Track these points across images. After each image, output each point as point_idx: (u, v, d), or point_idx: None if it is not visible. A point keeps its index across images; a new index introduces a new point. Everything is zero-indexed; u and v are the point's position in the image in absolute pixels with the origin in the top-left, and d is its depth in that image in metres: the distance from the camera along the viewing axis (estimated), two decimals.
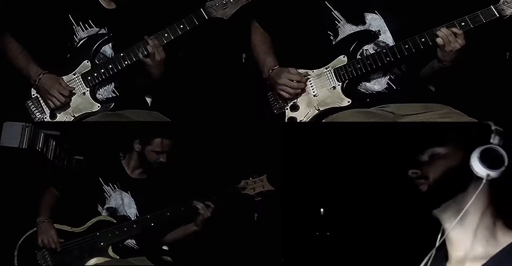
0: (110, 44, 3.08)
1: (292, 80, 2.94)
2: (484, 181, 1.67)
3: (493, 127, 1.72)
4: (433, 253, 1.74)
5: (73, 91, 3.04)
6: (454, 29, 2.75)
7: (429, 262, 1.74)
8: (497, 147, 1.68)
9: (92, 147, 3.41)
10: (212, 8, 2.96)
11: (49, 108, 3.06)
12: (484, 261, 1.68)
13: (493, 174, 1.66)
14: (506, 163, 1.66)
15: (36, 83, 3.04)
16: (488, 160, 1.67)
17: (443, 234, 1.72)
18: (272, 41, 3.08)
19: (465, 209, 1.69)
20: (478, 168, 1.67)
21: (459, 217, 1.69)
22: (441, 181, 1.72)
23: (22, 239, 3.09)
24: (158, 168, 3.16)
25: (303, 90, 2.95)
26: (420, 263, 1.76)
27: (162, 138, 3.13)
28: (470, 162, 1.68)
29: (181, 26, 2.97)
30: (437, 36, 2.76)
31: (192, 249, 3.27)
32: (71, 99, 3.03)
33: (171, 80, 3.24)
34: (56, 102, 3.02)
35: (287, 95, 2.95)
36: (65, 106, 3.04)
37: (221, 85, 3.60)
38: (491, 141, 1.70)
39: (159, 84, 3.15)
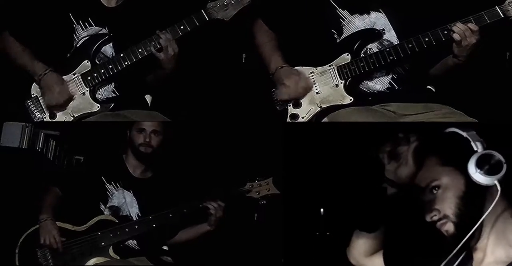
0: (111, 44, 3.07)
1: (297, 84, 2.94)
2: (499, 188, 1.63)
3: (465, 135, 1.68)
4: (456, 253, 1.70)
5: (73, 91, 3.03)
6: (470, 25, 2.74)
7: (457, 262, 1.71)
8: (489, 151, 1.63)
9: (92, 147, 3.40)
10: (213, 9, 2.96)
11: (44, 104, 3.04)
12: (505, 264, 1.67)
13: (500, 178, 1.63)
14: (505, 164, 1.62)
15: (40, 78, 3.02)
16: (486, 167, 1.62)
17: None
18: (277, 38, 3.07)
19: (482, 217, 1.65)
20: (485, 179, 1.62)
21: (476, 225, 1.65)
22: (461, 212, 1.67)
23: (23, 237, 3.07)
24: (146, 154, 3.12)
25: (305, 95, 2.96)
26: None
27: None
28: (472, 177, 1.63)
29: (182, 27, 2.97)
30: (453, 31, 2.75)
31: (192, 249, 3.25)
32: (68, 103, 3.03)
33: (170, 80, 3.24)
34: (52, 100, 3.01)
35: (287, 97, 2.96)
36: (61, 107, 3.03)
37: (221, 85, 3.60)
38: (475, 149, 1.66)
39: (170, 79, 3.13)
